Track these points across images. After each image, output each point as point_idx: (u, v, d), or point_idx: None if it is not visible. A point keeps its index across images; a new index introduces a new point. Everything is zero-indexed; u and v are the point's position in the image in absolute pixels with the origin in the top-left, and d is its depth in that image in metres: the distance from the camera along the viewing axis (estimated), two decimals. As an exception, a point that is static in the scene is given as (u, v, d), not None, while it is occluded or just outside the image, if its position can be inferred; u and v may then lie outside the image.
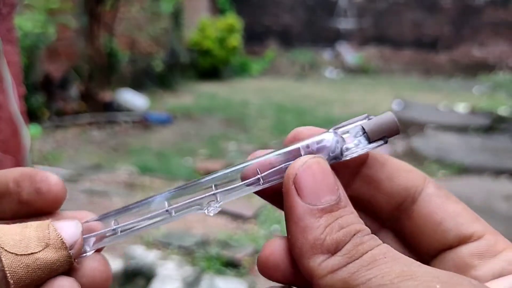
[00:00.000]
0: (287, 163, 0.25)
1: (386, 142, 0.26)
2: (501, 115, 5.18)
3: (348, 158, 0.26)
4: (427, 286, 0.20)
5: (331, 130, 0.26)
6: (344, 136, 0.26)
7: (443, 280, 0.20)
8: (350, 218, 0.23)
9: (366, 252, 0.22)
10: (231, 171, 0.26)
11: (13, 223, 0.24)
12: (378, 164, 0.27)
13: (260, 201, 2.73)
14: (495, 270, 0.24)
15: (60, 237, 0.23)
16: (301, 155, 0.26)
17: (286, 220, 0.24)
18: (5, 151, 0.44)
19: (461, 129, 4.55)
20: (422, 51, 9.33)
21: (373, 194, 0.27)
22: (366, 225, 0.24)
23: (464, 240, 0.25)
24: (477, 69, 8.76)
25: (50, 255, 0.23)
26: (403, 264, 0.21)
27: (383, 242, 0.23)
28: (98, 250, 0.26)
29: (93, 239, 0.25)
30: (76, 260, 0.24)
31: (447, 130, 4.48)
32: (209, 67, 7.91)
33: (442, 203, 0.26)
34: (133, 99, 5.27)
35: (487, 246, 0.25)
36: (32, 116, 3.98)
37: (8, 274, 0.22)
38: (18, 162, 0.48)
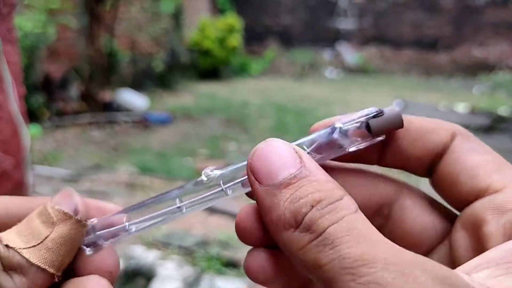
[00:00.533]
0: None
1: (387, 136, 0.26)
2: (501, 115, 5.19)
3: (349, 151, 0.26)
4: (380, 276, 0.19)
5: (336, 123, 0.26)
6: (348, 127, 0.25)
7: (399, 269, 0.19)
8: (311, 187, 0.22)
9: (327, 228, 0.20)
10: (236, 168, 0.26)
11: None
12: (401, 132, 0.26)
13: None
14: (507, 226, 0.22)
15: (61, 211, 0.25)
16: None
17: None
18: (5, 151, 0.44)
19: (461, 129, 4.54)
20: (422, 51, 9.33)
21: (403, 164, 0.26)
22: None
23: (479, 194, 0.24)
24: (477, 69, 8.76)
25: (62, 230, 0.24)
26: (365, 245, 0.19)
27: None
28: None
29: (107, 234, 0.26)
30: (91, 220, 0.26)
31: (447, 130, 4.48)
32: (209, 67, 7.91)
33: (462, 157, 0.25)
34: (133, 99, 5.27)
35: (504, 199, 0.23)
36: (32, 116, 3.98)
37: (40, 264, 0.23)
38: (18, 162, 0.48)
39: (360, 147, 0.26)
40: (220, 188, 0.26)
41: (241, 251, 2.12)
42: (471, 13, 9.10)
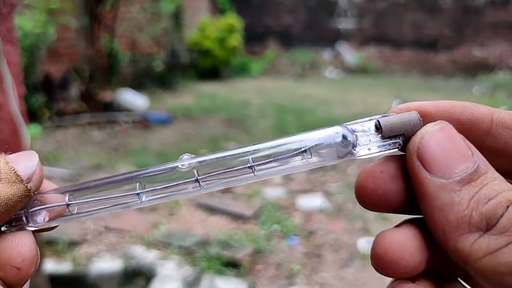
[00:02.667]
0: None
1: (403, 141, 0.23)
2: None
3: (358, 156, 0.23)
4: None
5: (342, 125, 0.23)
6: (357, 132, 0.23)
7: None
8: (497, 185, 0.19)
9: None
10: (218, 158, 0.22)
11: None
12: (507, 131, 0.22)
13: (260, 201, 2.73)
14: None
15: (13, 169, 0.21)
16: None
17: (419, 202, 0.21)
18: (5, 151, 0.44)
19: (461, 129, 4.54)
20: (422, 51, 9.32)
21: (508, 168, 0.22)
22: None
23: None
24: (477, 69, 8.76)
25: (2, 191, 0.20)
26: None
27: None
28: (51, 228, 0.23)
29: (45, 213, 0.22)
30: (36, 193, 0.22)
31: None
32: (209, 67, 7.91)
33: None
34: (133, 99, 5.27)
35: None
36: (32, 116, 3.98)
37: None
38: (18, 162, 0.48)
39: (372, 154, 0.23)
40: (194, 179, 0.21)
41: (241, 251, 2.13)
42: (471, 13, 9.10)
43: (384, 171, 0.22)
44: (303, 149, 0.23)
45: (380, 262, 0.22)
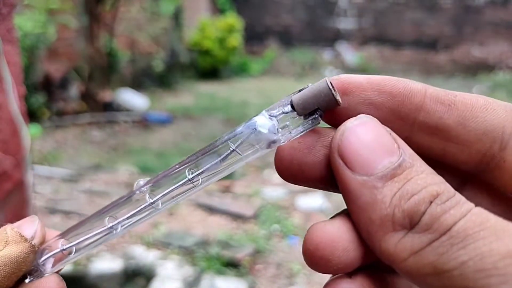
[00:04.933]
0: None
1: (321, 116, 0.21)
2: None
3: (281, 143, 0.22)
4: None
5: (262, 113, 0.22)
6: (277, 116, 0.22)
7: None
8: (422, 179, 0.18)
9: (454, 224, 0.17)
10: (165, 176, 0.23)
11: None
12: (442, 107, 0.20)
13: (260, 201, 2.73)
14: None
15: (18, 232, 0.25)
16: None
17: (344, 200, 0.20)
18: (5, 151, 0.44)
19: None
20: (422, 51, 9.33)
21: (443, 147, 0.21)
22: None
23: None
24: (477, 69, 8.76)
25: (11, 250, 0.24)
26: (510, 238, 0.16)
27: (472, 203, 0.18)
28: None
29: (51, 260, 0.25)
30: (40, 246, 0.25)
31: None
32: (209, 67, 7.91)
33: None
34: (133, 99, 5.26)
35: None
36: (32, 116, 3.97)
37: None
38: (18, 162, 0.48)
39: (294, 136, 0.22)
40: (148, 203, 0.22)
41: (241, 251, 2.13)
42: (471, 13, 9.10)
43: (302, 141, 0.21)
44: (231, 149, 0.22)
45: (311, 258, 0.20)
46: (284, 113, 0.22)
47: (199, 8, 8.45)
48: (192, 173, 0.22)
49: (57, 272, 0.26)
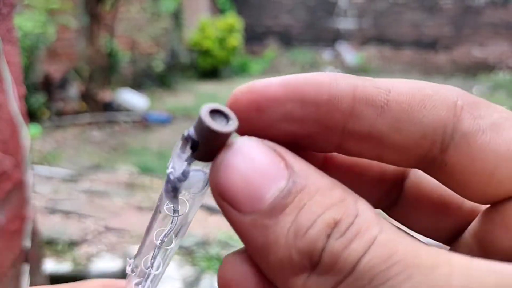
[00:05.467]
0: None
1: (196, 149, 0.18)
2: (501, 115, 5.18)
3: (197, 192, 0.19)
4: None
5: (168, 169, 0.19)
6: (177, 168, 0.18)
7: None
8: (317, 204, 0.15)
9: (358, 262, 0.14)
10: (143, 248, 0.22)
11: None
12: (372, 110, 0.17)
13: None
14: None
15: None
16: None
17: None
18: (5, 151, 0.44)
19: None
20: (422, 51, 9.33)
21: (378, 153, 0.18)
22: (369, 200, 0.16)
23: None
24: (477, 69, 8.76)
25: None
26: (422, 277, 0.13)
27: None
28: None
29: None
30: None
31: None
32: (209, 67, 7.91)
33: (489, 141, 0.16)
34: (133, 99, 5.27)
35: None
36: (32, 116, 3.98)
37: None
38: (18, 162, 0.48)
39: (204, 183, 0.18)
40: (141, 280, 0.22)
41: (241, 251, 2.13)
42: (471, 13, 9.10)
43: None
44: (175, 213, 0.20)
45: None
46: (190, 164, 0.18)
47: (199, 8, 8.45)
48: (160, 240, 0.21)
49: None
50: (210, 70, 7.92)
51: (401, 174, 0.21)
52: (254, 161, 0.16)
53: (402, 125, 0.17)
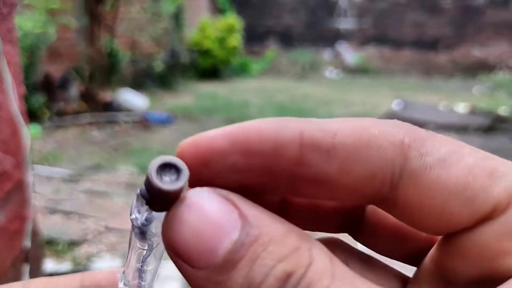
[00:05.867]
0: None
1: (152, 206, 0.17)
2: (501, 115, 5.18)
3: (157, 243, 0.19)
4: None
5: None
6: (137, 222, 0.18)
7: None
8: (269, 255, 0.15)
9: None
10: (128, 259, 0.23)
11: None
12: (319, 154, 0.17)
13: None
14: None
15: None
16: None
17: None
18: (5, 151, 0.44)
19: (461, 129, 4.55)
20: (422, 51, 9.33)
21: (329, 195, 0.18)
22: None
23: (484, 219, 0.16)
24: (477, 69, 8.76)
25: None
26: None
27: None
28: None
29: None
30: None
31: (447, 130, 4.48)
32: (209, 67, 7.91)
33: (437, 178, 0.16)
34: (133, 99, 5.27)
35: None
36: (32, 116, 3.97)
37: None
38: (18, 162, 0.48)
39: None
40: None
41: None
42: (472, 13, 9.10)
43: None
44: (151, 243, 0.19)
45: None
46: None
47: (199, 8, 8.45)
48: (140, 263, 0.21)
49: None
50: (210, 70, 7.92)
51: (358, 206, 0.21)
52: (205, 213, 0.15)
53: (349, 167, 0.17)
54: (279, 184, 0.17)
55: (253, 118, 0.19)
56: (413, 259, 0.21)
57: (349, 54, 9.46)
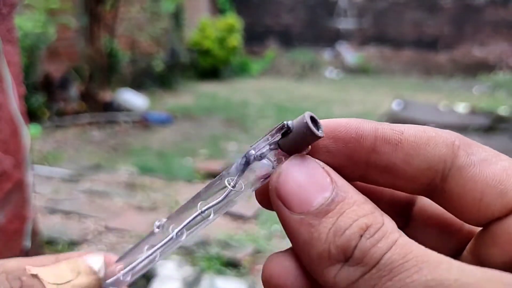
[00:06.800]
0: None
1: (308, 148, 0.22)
2: (501, 115, 5.18)
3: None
4: None
5: (249, 151, 0.23)
6: (263, 151, 0.22)
7: None
8: (353, 212, 0.19)
9: (382, 257, 0.18)
10: (181, 211, 0.26)
11: None
12: (389, 147, 0.21)
13: (260, 201, 2.73)
14: None
15: (89, 265, 0.29)
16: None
17: (289, 240, 0.21)
18: (5, 151, 0.44)
19: (461, 129, 4.55)
20: (422, 51, 9.33)
21: (393, 182, 0.22)
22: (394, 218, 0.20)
23: None
24: (477, 69, 8.76)
25: (83, 280, 0.28)
26: (429, 269, 0.17)
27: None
28: None
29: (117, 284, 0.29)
30: (104, 281, 0.29)
31: (447, 130, 4.47)
32: (209, 67, 7.91)
33: (478, 173, 0.20)
34: (133, 99, 5.27)
35: None
36: (32, 116, 3.97)
37: None
38: (18, 162, 0.48)
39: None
40: (170, 236, 0.26)
41: (241, 251, 2.13)
42: (471, 12, 9.10)
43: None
44: (231, 184, 0.23)
45: (266, 286, 0.22)
46: (271, 150, 0.23)
47: (199, 8, 8.45)
48: (201, 208, 0.25)
49: None
50: (210, 70, 7.92)
51: (409, 201, 0.26)
52: (308, 173, 0.21)
53: (411, 159, 0.21)
54: (355, 170, 0.22)
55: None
56: (452, 254, 0.24)
57: (349, 54, 9.46)
